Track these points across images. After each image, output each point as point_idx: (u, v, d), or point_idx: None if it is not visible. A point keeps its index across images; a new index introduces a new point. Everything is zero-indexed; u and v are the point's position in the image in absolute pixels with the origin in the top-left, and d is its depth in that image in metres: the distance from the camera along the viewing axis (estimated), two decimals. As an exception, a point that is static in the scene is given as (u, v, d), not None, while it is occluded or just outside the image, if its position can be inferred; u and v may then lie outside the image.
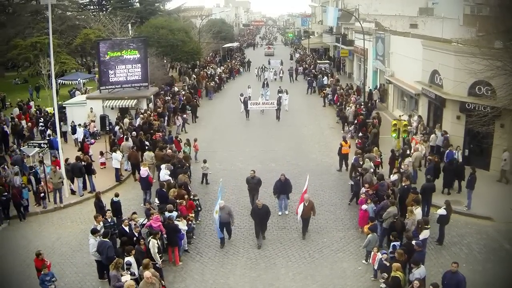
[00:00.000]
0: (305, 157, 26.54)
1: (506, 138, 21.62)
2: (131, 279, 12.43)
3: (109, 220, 15.86)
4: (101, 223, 15.55)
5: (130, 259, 13.31)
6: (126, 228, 15.10)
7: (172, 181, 19.64)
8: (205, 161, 22.79)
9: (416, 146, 22.67)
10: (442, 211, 16.31)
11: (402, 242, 14.74)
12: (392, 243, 14.58)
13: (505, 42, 20.36)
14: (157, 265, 13.96)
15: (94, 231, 14.62)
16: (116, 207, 17.54)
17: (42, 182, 20.64)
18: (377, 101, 37.70)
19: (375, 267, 14.35)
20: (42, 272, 13.17)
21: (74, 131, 28.61)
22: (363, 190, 18.47)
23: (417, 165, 21.72)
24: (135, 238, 14.87)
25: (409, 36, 34.32)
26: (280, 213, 19.25)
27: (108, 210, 16.65)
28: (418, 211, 15.97)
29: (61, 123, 29.80)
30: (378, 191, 18.15)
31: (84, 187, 21.76)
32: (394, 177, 19.60)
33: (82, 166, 21.39)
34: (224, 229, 16.95)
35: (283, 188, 18.92)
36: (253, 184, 19.26)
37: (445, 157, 21.54)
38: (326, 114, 37.01)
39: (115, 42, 33.59)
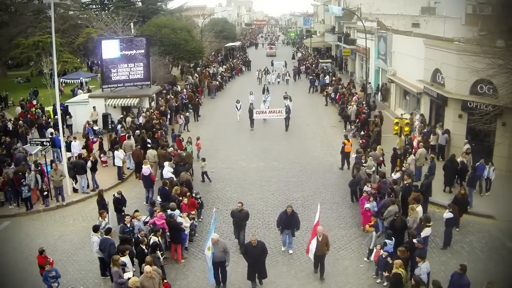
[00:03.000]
0: (307, 155, 26.58)
1: (508, 137, 21.65)
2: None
3: (128, 225, 15.46)
4: (106, 220, 15.69)
5: (125, 259, 13.34)
6: (143, 246, 14.46)
7: (174, 179, 19.69)
8: (203, 160, 22.86)
9: (461, 160, 20.93)
10: (448, 215, 16.20)
11: (404, 240, 14.79)
12: (384, 241, 14.64)
13: (507, 41, 20.37)
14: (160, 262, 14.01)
15: (95, 228, 14.72)
16: (118, 203, 17.67)
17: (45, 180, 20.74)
18: (371, 94, 37.73)
19: (376, 265, 14.40)
20: (46, 269, 13.20)
21: (68, 148, 24.45)
22: (365, 188, 18.47)
23: (421, 163, 21.69)
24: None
25: (411, 35, 34.35)
26: (283, 248, 16.56)
27: (128, 215, 16.05)
28: (419, 209, 15.99)
29: (67, 116, 29.97)
30: (380, 189, 18.21)
31: (88, 185, 21.87)
32: (396, 175, 19.65)
33: (84, 164, 21.48)
34: (219, 271, 14.17)
35: (288, 222, 16.00)
36: (240, 219, 16.26)
37: (476, 170, 19.99)
38: (328, 113, 37.06)
39: (117, 41, 33.60)
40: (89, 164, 21.64)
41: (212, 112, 38.06)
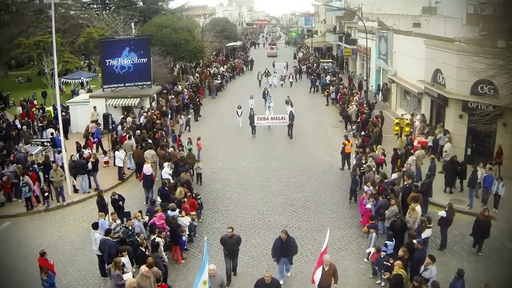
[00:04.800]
0: (307, 156, 26.57)
1: (508, 137, 21.62)
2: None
3: (130, 228, 15.31)
4: (116, 223, 15.67)
5: (124, 259, 13.34)
6: (143, 249, 14.41)
7: (172, 180, 19.63)
8: (198, 161, 22.87)
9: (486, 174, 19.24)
10: (442, 213, 16.25)
11: (404, 241, 14.78)
12: (385, 242, 14.66)
13: (508, 41, 20.33)
14: (164, 262, 14.03)
15: (95, 226, 14.87)
16: (116, 202, 17.75)
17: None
18: (366, 91, 38.17)
19: (375, 265, 14.39)
20: (42, 277, 13.20)
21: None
22: (365, 188, 18.45)
23: (420, 163, 21.69)
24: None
25: (412, 35, 34.30)
26: (282, 281, 14.08)
27: (130, 218, 15.85)
28: (417, 209, 15.98)
29: (62, 112, 29.96)
30: (384, 190, 18.17)
31: (89, 186, 21.91)
32: (394, 175, 19.64)
33: (85, 163, 21.53)
34: None
35: (284, 249, 14.22)
36: (231, 245, 14.49)
37: (482, 182, 19.10)
38: (329, 113, 37.01)
39: (118, 41, 33.64)
40: (89, 165, 21.61)
41: (213, 112, 38.02)
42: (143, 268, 12.20)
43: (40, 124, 30.38)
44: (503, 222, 17.91)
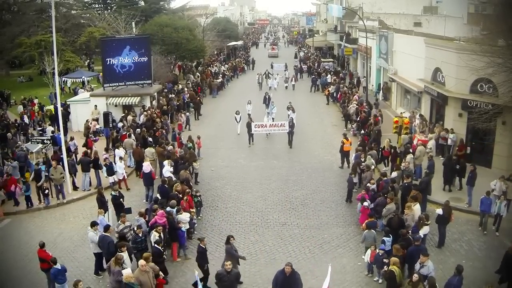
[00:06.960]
0: (307, 154, 26.60)
1: (507, 135, 21.61)
2: None
3: (140, 235, 14.72)
4: (124, 224, 15.55)
5: (123, 254, 13.38)
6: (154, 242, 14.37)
7: (173, 178, 19.69)
8: (195, 161, 22.88)
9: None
10: (439, 211, 16.26)
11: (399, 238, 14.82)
12: (382, 238, 14.72)
13: (507, 40, 20.31)
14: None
15: (92, 224, 14.90)
16: (116, 199, 17.85)
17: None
18: (366, 88, 38.41)
19: (373, 264, 14.41)
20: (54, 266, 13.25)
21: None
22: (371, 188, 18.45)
23: (421, 160, 21.68)
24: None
25: (412, 34, 34.29)
26: None
27: (140, 227, 15.01)
28: (416, 207, 16.00)
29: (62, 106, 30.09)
30: (383, 188, 18.21)
31: (90, 183, 21.99)
32: (394, 173, 19.67)
33: (89, 161, 21.67)
34: None
35: (286, 285, 12.24)
36: (230, 282, 12.30)
37: (479, 204, 17.40)
38: (329, 112, 37.02)
39: (119, 40, 33.73)
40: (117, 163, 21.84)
41: (214, 112, 38.05)
42: (141, 262, 12.26)
43: (40, 128, 30.31)
44: (502, 220, 17.89)
